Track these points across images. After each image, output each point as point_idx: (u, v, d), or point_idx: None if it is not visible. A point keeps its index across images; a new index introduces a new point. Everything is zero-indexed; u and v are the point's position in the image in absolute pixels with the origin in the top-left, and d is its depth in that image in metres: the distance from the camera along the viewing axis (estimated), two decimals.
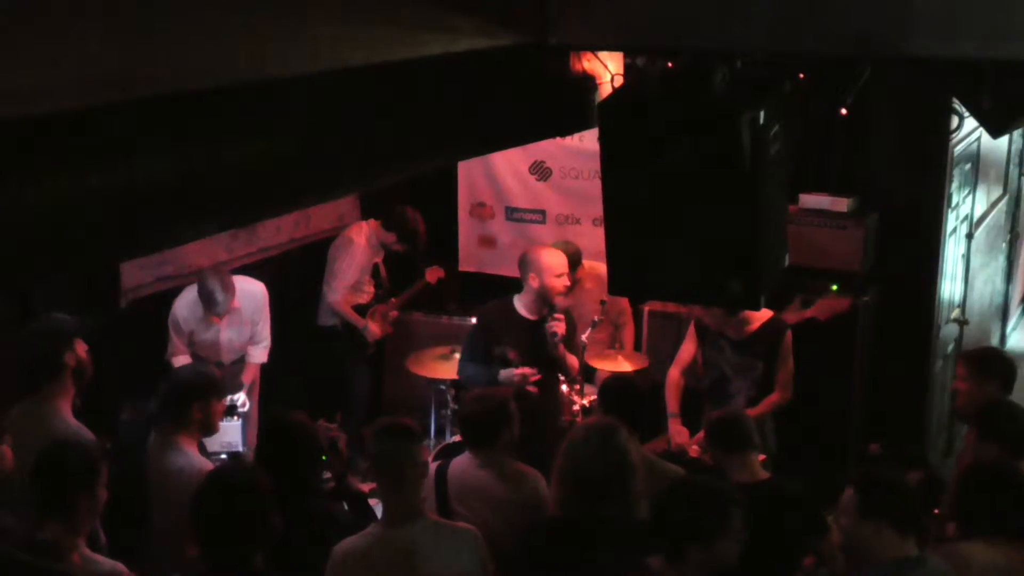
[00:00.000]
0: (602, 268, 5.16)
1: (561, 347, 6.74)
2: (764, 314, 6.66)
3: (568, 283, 6.81)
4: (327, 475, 5.29)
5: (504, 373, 6.59)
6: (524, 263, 6.79)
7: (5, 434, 4.64)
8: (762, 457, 5.56)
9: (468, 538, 4.49)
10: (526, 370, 6.60)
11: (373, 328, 8.48)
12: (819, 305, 7.23)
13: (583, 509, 4.32)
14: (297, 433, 4.88)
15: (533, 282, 6.68)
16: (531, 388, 6.60)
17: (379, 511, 4.89)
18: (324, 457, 5.09)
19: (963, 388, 5.95)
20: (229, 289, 7.07)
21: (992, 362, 6.01)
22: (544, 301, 6.71)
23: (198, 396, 5.27)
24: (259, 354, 7.54)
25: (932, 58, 3.81)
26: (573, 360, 6.94)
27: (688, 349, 7.02)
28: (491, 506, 5.11)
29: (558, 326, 6.65)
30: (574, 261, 7.99)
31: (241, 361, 7.53)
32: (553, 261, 6.74)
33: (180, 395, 5.29)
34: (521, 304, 6.78)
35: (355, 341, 8.50)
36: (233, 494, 4.04)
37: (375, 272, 8.65)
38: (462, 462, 5.27)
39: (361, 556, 4.39)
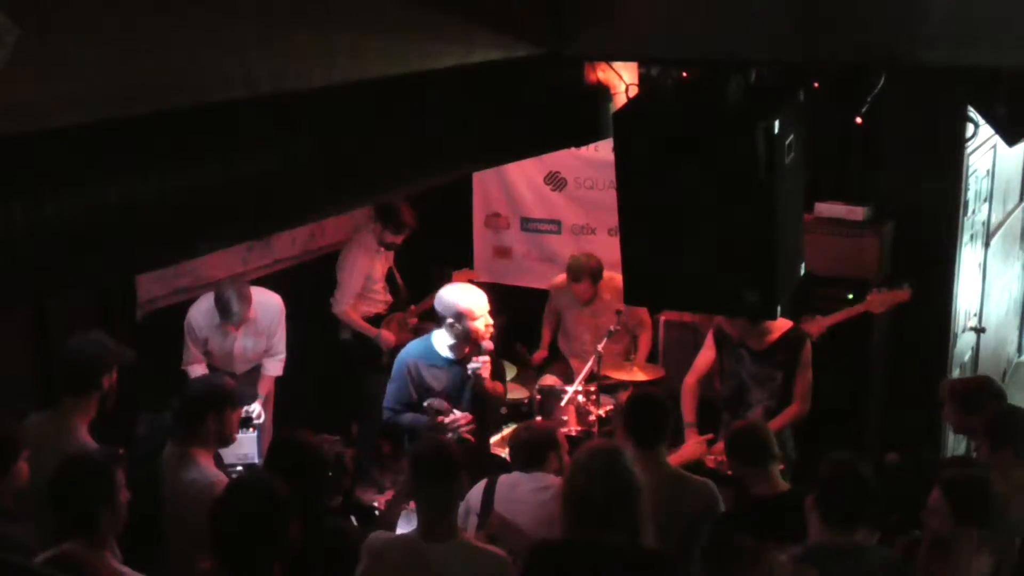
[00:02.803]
0: (619, 279, 5.14)
1: (488, 384, 6.51)
2: (783, 324, 6.64)
3: (491, 323, 6.45)
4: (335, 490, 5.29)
5: (448, 420, 6.30)
6: (439, 303, 6.48)
7: (24, 448, 4.66)
8: (780, 466, 5.55)
9: (497, 563, 4.51)
10: (465, 417, 6.35)
11: (387, 336, 8.46)
12: (871, 299, 7.10)
13: (584, 534, 4.28)
14: (302, 452, 4.88)
15: (452, 325, 6.39)
16: (468, 436, 6.31)
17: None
18: (330, 473, 5.09)
19: (949, 419, 6.01)
20: (245, 299, 7.08)
21: (975, 398, 5.91)
22: (466, 342, 6.45)
23: (212, 407, 5.27)
24: (274, 366, 7.55)
25: (946, 66, 3.80)
26: (498, 387, 6.73)
27: (706, 357, 7.00)
28: (530, 518, 5.14)
29: (483, 369, 6.39)
30: (596, 274, 8.01)
31: (254, 371, 7.53)
32: (471, 304, 6.38)
33: (194, 407, 5.29)
34: (442, 343, 6.52)
35: (368, 351, 8.50)
36: (251, 506, 4.03)
37: (390, 279, 8.66)
38: (512, 477, 5.35)
39: (398, 555, 4.45)
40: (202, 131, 3.19)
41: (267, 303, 7.39)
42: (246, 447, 6.71)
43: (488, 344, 6.51)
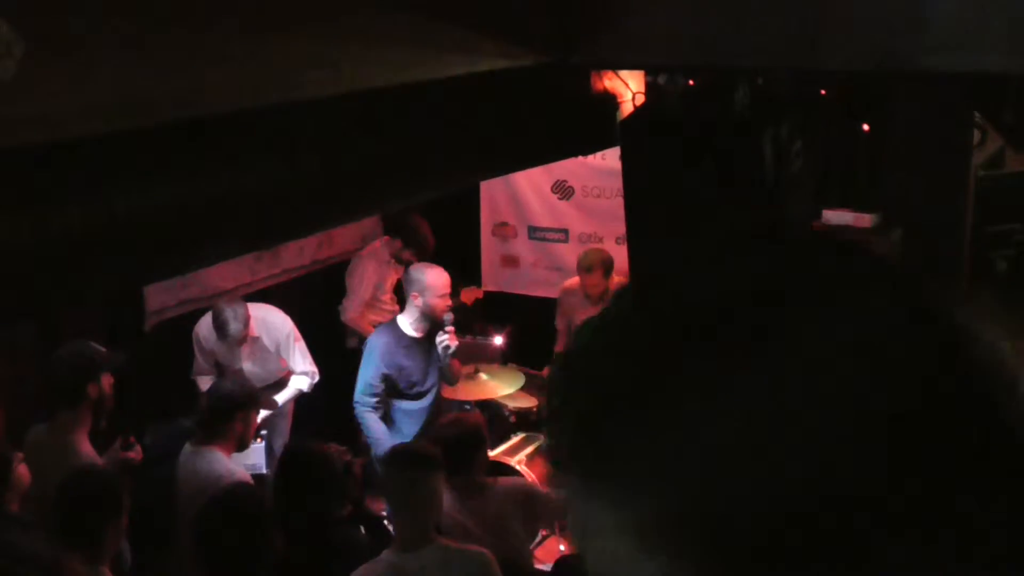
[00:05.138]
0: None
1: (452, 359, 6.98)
2: None
3: (450, 303, 6.88)
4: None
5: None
6: (408, 280, 6.89)
7: (18, 452, 4.67)
8: None
9: (479, 562, 4.47)
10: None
11: None
12: None
13: None
14: (312, 462, 4.89)
15: (416, 300, 6.76)
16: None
17: None
18: (339, 483, 5.08)
19: None
20: (242, 319, 7.01)
21: None
22: (427, 319, 6.78)
23: (242, 408, 5.36)
24: (299, 380, 7.47)
25: (951, 73, 3.80)
26: (458, 366, 7.26)
27: None
28: (489, 530, 5.12)
29: (451, 339, 6.81)
30: (608, 266, 8.00)
31: (266, 389, 7.46)
32: (438, 281, 6.78)
33: (225, 407, 5.35)
34: (406, 323, 6.86)
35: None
36: (231, 520, 4.08)
37: (398, 289, 8.64)
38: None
39: None
40: (209, 141, 3.19)
41: (271, 321, 7.31)
42: (253, 457, 6.71)
43: (449, 316, 6.84)
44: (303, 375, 7.42)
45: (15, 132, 2.48)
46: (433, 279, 6.75)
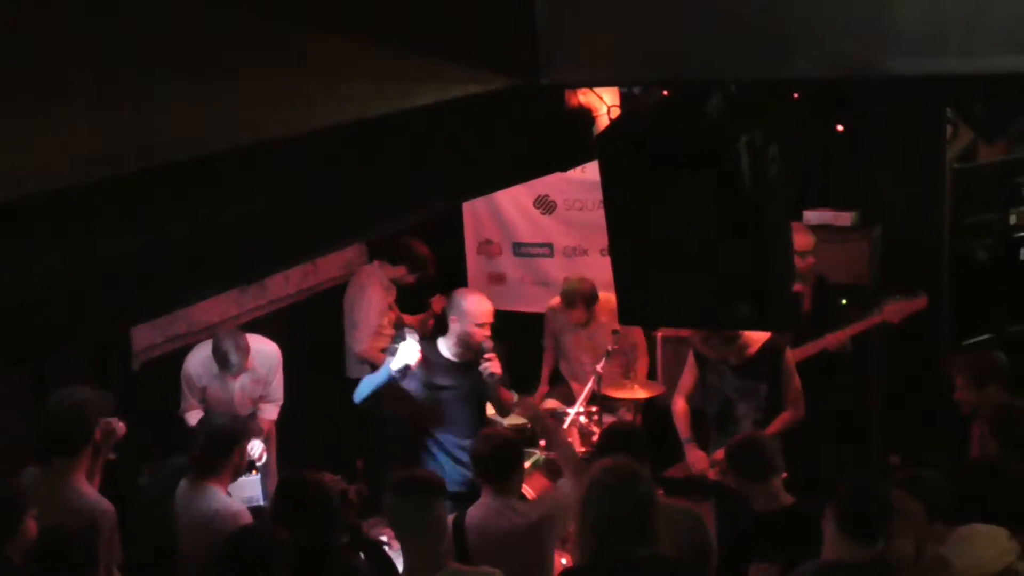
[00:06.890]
0: (615, 300, 5.15)
1: (499, 387, 6.73)
2: (761, 336, 6.63)
3: (489, 334, 6.65)
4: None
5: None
6: (450, 303, 6.74)
7: (30, 507, 4.67)
8: (784, 475, 5.55)
9: None
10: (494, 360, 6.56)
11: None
12: (888, 309, 6.99)
13: (616, 552, 4.22)
14: (307, 492, 4.90)
15: (454, 324, 6.63)
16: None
17: (395, 557, 4.95)
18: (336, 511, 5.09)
19: (963, 397, 6.05)
20: (243, 349, 7.06)
21: (983, 366, 6.05)
22: (464, 346, 6.62)
23: (238, 442, 5.41)
24: (271, 411, 7.52)
25: (914, 77, 3.83)
26: (508, 395, 6.98)
27: (689, 377, 7.02)
28: (514, 551, 5.10)
29: (493, 367, 6.56)
30: (590, 298, 8.03)
31: (253, 415, 7.51)
32: (476, 308, 6.62)
33: (222, 443, 5.39)
34: (445, 346, 6.72)
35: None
36: (245, 565, 4.14)
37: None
38: (479, 510, 5.27)
39: None
40: (186, 184, 3.20)
41: (264, 351, 7.38)
42: (249, 490, 6.71)
43: (488, 343, 6.61)
44: (275, 403, 7.49)
45: None
46: (472, 306, 6.61)
